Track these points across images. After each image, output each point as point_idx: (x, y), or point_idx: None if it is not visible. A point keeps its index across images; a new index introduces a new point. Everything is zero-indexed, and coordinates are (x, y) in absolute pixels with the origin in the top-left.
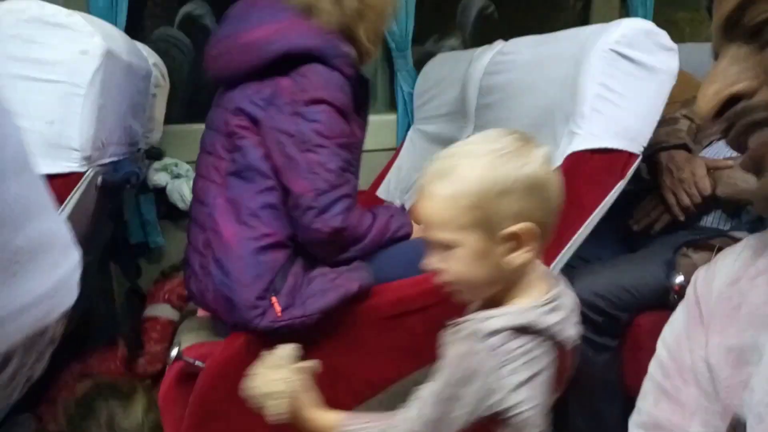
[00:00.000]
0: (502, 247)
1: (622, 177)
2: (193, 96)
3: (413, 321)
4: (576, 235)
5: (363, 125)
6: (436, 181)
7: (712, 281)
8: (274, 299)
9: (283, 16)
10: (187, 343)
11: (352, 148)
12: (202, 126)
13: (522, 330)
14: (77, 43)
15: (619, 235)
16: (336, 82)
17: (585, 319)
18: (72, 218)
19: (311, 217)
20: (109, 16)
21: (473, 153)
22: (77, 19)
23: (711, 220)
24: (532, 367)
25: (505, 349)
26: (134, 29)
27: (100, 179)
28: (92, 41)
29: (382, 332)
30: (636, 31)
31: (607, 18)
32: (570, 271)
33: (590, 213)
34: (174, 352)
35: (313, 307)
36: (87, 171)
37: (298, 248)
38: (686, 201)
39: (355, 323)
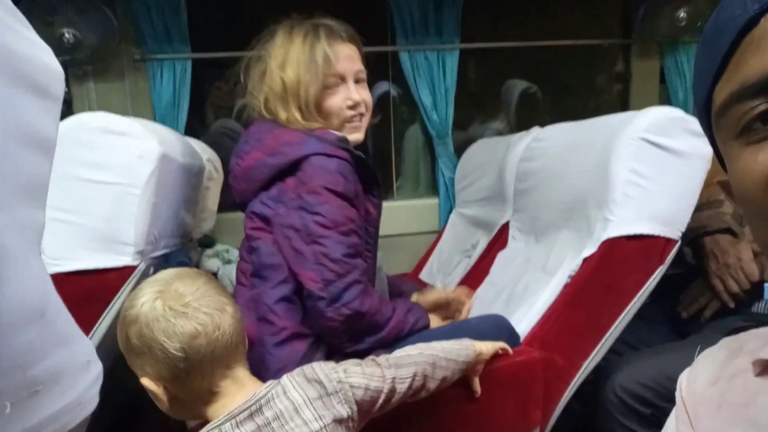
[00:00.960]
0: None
1: (661, 263)
2: None
3: (447, 411)
4: (616, 322)
5: (376, 204)
6: None
7: (695, 382)
8: None
9: (269, 134)
10: None
11: (365, 229)
12: None
13: None
14: (135, 149)
15: (668, 320)
16: (334, 168)
17: (630, 410)
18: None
19: (323, 306)
20: (171, 116)
21: None
22: (136, 126)
23: (763, 306)
24: None
25: None
26: (196, 119)
27: (152, 270)
28: (149, 146)
29: (414, 420)
30: (665, 119)
31: (646, 97)
32: (615, 359)
33: (630, 299)
34: None
35: None
36: (140, 264)
37: (319, 338)
38: (734, 287)
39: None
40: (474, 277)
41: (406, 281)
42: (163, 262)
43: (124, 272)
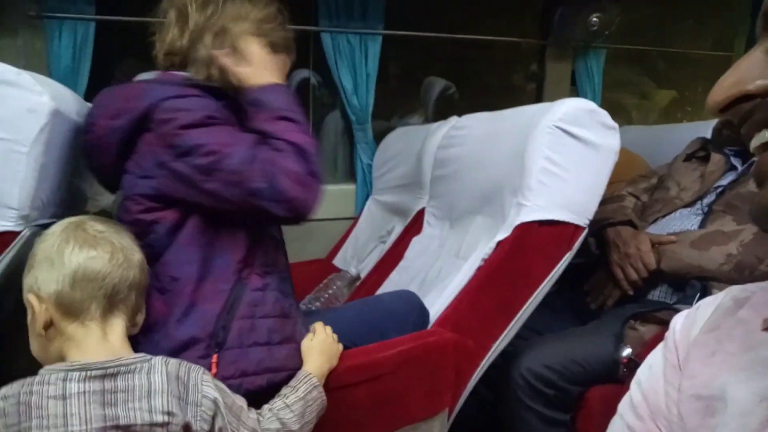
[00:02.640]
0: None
1: (569, 249)
2: None
3: (359, 393)
4: (525, 305)
5: None
6: None
7: (691, 328)
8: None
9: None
10: None
11: None
12: None
13: None
14: (24, 101)
15: (571, 307)
16: (191, 105)
17: (536, 392)
18: (6, 277)
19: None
20: (70, 81)
21: None
22: (26, 77)
23: (658, 294)
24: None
25: None
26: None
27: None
28: (40, 99)
29: (326, 406)
30: (579, 110)
31: (558, 97)
32: (521, 343)
33: (539, 284)
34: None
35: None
36: (23, 230)
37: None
38: (633, 275)
39: None
40: (388, 263)
41: None
42: None
43: (5, 238)
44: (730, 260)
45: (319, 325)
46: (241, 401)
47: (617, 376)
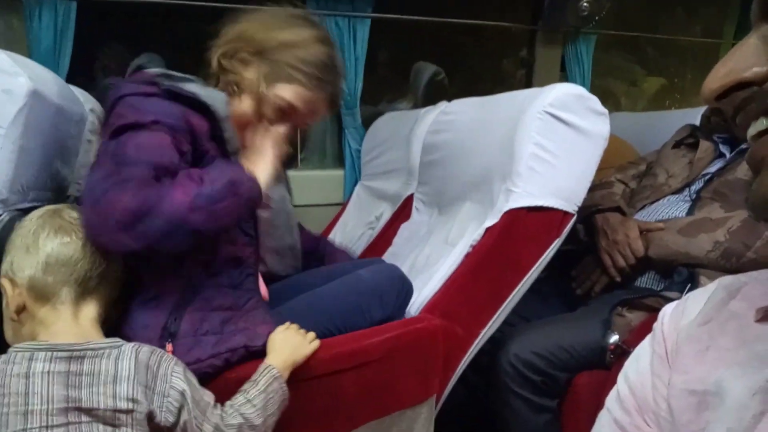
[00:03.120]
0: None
1: (558, 235)
2: None
3: (346, 380)
4: (514, 292)
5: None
6: None
7: (680, 319)
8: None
9: None
10: None
11: None
12: None
13: None
14: (1, 82)
15: (560, 293)
16: (143, 104)
17: (524, 379)
18: None
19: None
20: (51, 63)
21: None
22: (3, 57)
23: (645, 281)
24: None
25: None
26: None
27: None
28: (17, 81)
29: (312, 394)
30: (569, 95)
31: (548, 83)
32: (510, 330)
33: (528, 270)
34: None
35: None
36: (2, 215)
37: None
38: (621, 262)
39: None
40: (376, 249)
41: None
42: None
43: None
44: (717, 247)
45: (284, 325)
46: (209, 397)
47: (604, 363)
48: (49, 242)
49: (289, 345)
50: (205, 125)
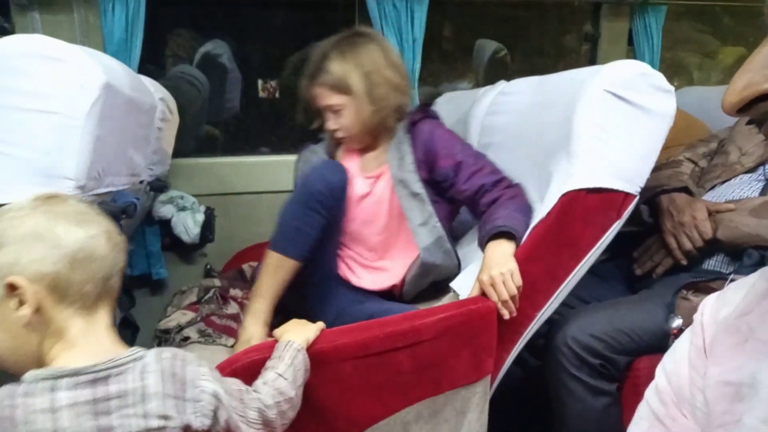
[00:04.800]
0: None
1: (618, 217)
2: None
3: (400, 358)
4: (571, 275)
5: None
6: None
7: (720, 310)
8: None
9: None
10: None
11: None
12: (211, 160)
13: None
14: (76, 76)
15: (622, 276)
16: None
17: (581, 362)
18: None
19: None
20: (124, 54)
21: None
22: (78, 52)
23: (713, 264)
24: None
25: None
26: (154, 64)
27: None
28: (91, 74)
29: (368, 369)
30: (631, 73)
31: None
32: (568, 312)
33: (586, 253)
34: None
35: None
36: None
37: None
38: (687, 245)
39: (339, 359)
40: None
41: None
42: (109, 201)
43: None
44: None
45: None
46: (237, 384)
47: (666, 348)
48: (73, 234)
49: (294, 327)
50: None
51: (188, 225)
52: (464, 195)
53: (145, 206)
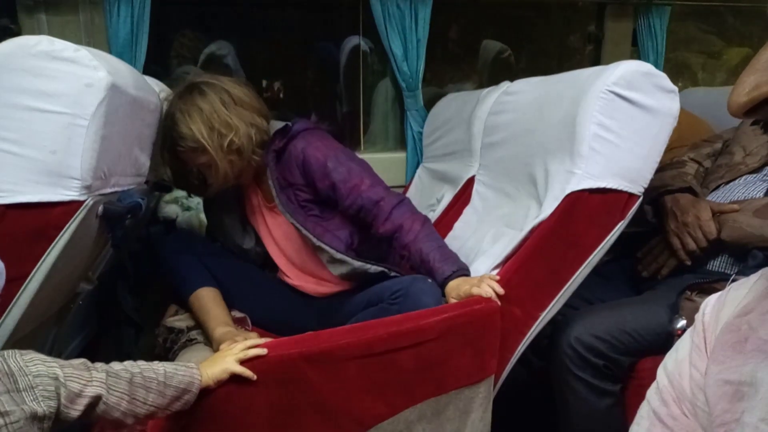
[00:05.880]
0: None
1: (622, 218)
2: None
3: (404, 358)
4: (575, 275)
5: None
6: None
7: (721, 310)
8: None
9: None
10: None
11: None
12: None
13: None
14: (82, 77)
15: (625, 277)
16: None
17: (585, 362)
18: (71, 245)
19: None
20: (129, 54)
21: None
22: (84, 53)
23: (717, 264)
24: None
25: None
26: (158, 65)
27: (101, 208)
28: (97, 75)
29: (372, 369)
30: (634, 73)
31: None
32: (572, 313)
33: (590, 253)
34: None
35: None
36: (86, 200)
37: None
38: (691, 245)
39: (344, 359)
40: (438, 231)
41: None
42: (114, 201)
43: (70, 208)
44: None
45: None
46: (78, 361)
47: (670, 348)
48: None
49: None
50: None
51: (193, 225)
52: (351, 212)
53: (150, 206)
